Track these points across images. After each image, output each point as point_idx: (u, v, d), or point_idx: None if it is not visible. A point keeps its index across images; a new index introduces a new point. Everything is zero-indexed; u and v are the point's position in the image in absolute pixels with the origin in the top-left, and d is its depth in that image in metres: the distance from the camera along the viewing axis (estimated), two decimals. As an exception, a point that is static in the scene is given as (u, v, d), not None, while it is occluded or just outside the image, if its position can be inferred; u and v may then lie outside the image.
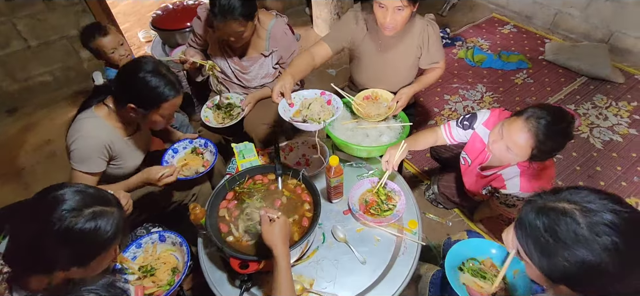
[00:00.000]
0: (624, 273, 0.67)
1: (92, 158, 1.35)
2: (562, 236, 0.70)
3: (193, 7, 2.67)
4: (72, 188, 0.87)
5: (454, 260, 1.23)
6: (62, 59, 3.11)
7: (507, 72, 3.11)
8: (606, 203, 0.70)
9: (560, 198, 0.74)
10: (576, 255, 0.68)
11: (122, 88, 1.35)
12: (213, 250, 1.37)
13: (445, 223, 2.09)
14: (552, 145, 1.28)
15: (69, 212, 0.82)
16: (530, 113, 1.28)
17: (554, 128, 1.25)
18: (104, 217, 0.86)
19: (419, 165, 2.44)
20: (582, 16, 3.30)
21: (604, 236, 0.66)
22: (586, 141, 2.51)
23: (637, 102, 2.74)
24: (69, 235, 0.82)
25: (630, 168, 2.32)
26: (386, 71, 1.82)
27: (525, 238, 0.77)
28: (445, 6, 3.92)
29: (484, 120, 1.59)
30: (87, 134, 1.34)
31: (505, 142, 1.34)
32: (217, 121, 1.94)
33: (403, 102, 1.68)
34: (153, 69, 1.32)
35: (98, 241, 0.86)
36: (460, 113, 2.78)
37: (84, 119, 1.37)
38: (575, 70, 3.02)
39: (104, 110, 1.40)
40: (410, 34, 1.71)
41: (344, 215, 1.47)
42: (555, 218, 0.71)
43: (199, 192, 1.74)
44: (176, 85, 1.36)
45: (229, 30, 1.69)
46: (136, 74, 1.30)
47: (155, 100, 1.33)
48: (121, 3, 4.61)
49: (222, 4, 1.60)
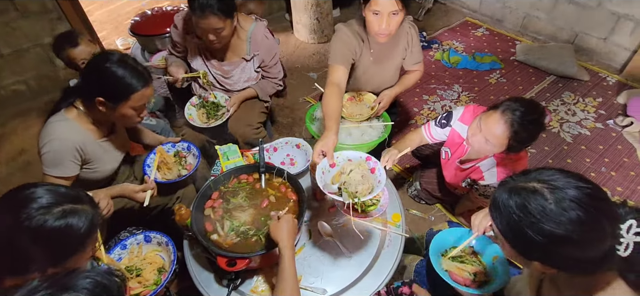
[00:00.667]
0: (586, 243, 0.73)
1: (64, 161, 1.32)
2: (532, 212, 0.74)
3: (172, 13, 2.66)
4: (43, 187, 0.86)
5: (437, 247, 1.27)
6: (36, 67, 3.02)
7: (482, 73, 3.24)
8: (570, 180, 0.75)
9: (530, 179, 0.79)
10: (545, 229, 0.73)
11: (90, 81, 1.31)
12: (199, 250, 1.36)
13: (428, 218, 2.15)
14: (527, 135, 1.35)
15: (37, 210, 0.81)
16: (506, 106, 1.36)
17: (527, 118, 1.33)
18: (75, 215, 0.85)
19: (400, 163, 2.50)
20: (548, 18, 3.48)
21: (570, 210, 0.72)
22: (557, 135, 2.64)
23: (601, 98, 2.91)
24: (39, 233, 0.80)
25: (598, 160, 2.46)
26: (376, 78, 1.86)
27: (500, 218, 0.81)
28: (421, 11, 4.05)
29: (459, 116, 1.67)
30: (57, 137, 1.30)
31: (483, 135, 1.41)
32: (201, 120, 1.94)
33: (385, 104, 1.73)
34: (120, 59, 1.29)
35: (71, 240, 0.85)
36: (438, 112, 2.87)
37: (54, 122, 1.33)
38: (545, 69, 3.18)
39: (74, 112, 1.37)
40: (398, 37, 1.75)
41: (330, 212, 1.49)
42: (526, 197, 0.76)
43: (183, 195, 1.73)
44: (145, 76, 1.33)
45: (208, 26, 1.69)
46: (103, 65, 1.27)
47: (124, 92, 1.29)
48: (97, 11, 4.52)
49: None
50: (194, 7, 1.65)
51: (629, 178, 2.33)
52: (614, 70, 3.20)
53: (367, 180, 1.19)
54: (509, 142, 1.37)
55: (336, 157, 1.28)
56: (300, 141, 1.71)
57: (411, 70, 1.87)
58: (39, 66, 3.02)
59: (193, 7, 1.66)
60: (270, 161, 1.65)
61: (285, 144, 1.73)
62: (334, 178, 1.25)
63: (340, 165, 1.28)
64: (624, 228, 0.74)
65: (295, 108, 3.00)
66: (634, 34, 3.00)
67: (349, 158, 1.28)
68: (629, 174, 2.35)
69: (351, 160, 1.27)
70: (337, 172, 1.26)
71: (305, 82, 3.27)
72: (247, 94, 2.02)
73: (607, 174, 2.36)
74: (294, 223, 1.16)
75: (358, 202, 1.14)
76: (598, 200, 0.74)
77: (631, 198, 2.21)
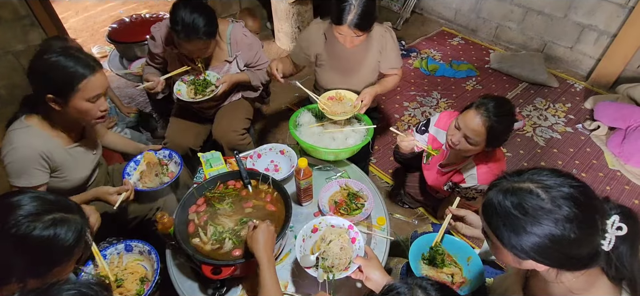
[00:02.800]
0: (582, 239, 0.76)
1: (29, 170, 1.26)
2: (530, 211, 0.76)
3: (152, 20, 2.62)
4: (29, 194, 0.83)
5: (417, 252, 1.29)
6: (8, 75, 2.89)
7: (458, 80, 3.36)
8: (563, 180, 0.78)
9: (524, 179, 0.81)
10: (543, 226, 0.75)
11: (35, 79, 1.24)
12: (183, 260, 1.33)
13: (412, 221, 2.18)
14: (502, 127, 1.44)
15: (25, 217, 0.78)
16: (479, 102, 1.47)
17: (501, 109, 1.43)
18: (65, 225, 0.82)
19: (383, 168, 2.54)
20: (519, 29, 3.66)
21: (564, 207, 0.74)
22: (531, 139, 2.75)
23: (570, 104, 3.07)
24: (25, 242, 0.77)
25: (570, 162, 2.58)
26: (349, 75, 1.91)
27: (495, 219, 0.82)
28: (399, 21, 4.17)
29: (435, 121, 1.77)
30: (19, 145, 1.24)
31: (463, 132, 1.48)
32: (189, 96, 1.87)
33: (367, 101, 1.75)
34: (61, 49, 1.22)
35: (57, 251, 0.81)
36: (419, 118, 2.94)
37: (15, 130, 1.28)
38: (517, 76, 3.33)
39: (34, 119, 1.31)
40: (370, 40, 1.82)
41: (315, 217, 1.49)
42: (522, 197, 0.78)
43: (164, 204, 1.69)
44: (90, 63, 1.24)
45: (192, 47, 1.70)
46: (42, 58, 1.20)
47: (70, 82, 1.20)
48: (72, 19, 4.40)
49: (186, 23, 1.60)
50: (178, 31, 1.63)
51: (599, 179, 2.46)
52: (580, 77, 3.38)
53: (346, 253, 1.18)
54: (487, 135, 1.45)
55: (319, 222, 1.29)
56: (284, 147, 1.71)
57: (388, 74, 1.93)
58: (10, 74, 2.90)
59: (177, 30, 1.63)
60: (254, 167, 1.65)
61: (269, 150, 1.73)
62: (315, 245, 1.25)
63: (323, 230, 1.27)
64: (609, 223, 0.77)
65: (278, 115, 3.01)
66: (597, 43, 3.20)
67: (332, 224, 1.28)
68: (598, 175, 2.48)
69: (334, 227, 1.27)
70: (318, 238, 1.25)
71: (287, 89, 3.28)
72: (239, 78, 1.97)
73: (578, 176, 2.47)
74: (270, 232, 1.13)
75: (333, 279, 1.13)
76: (590, 197, 0.77)
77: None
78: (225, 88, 1.90)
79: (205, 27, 1.64)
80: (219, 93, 1.87)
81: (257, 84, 2.06)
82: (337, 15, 1.56)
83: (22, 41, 2.79)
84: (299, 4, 3.42)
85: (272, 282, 1.06)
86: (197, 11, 1.62)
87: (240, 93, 2.13)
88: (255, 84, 2.05)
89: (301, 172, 1.40)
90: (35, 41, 2.80)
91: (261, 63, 2.03)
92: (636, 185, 2.39)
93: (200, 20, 1.62)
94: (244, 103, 2.14)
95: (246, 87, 2.09)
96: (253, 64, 2.01)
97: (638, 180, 2.40)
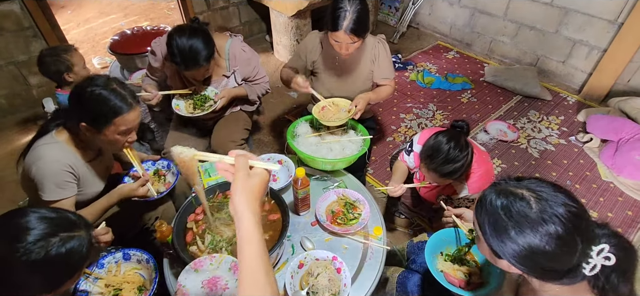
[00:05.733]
0: (556, 256, 0.77)
1: (60, 182, 1.30)
2: (514, 216, 0.78)
3: (152, 33, 2.67)
4: (35, 214, 0.84)
5: (434, 247, 1.30)
6: (9, 85, 2.92)
7: (454, 92, 3.41)
8: (559, 195, 0.79)
9: (521, 186, 0.83)
10: (524, 234, 0.77)
11: (74, 106, 1.30)
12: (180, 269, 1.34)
13: (408, 231, 2.20)
14: (450, 171, 1.48)
15: (35, 244, 0.80)
16: (425, 155, 1.53)
17: (437, 160, 1.47)
18: (71, 242, 0.84)
19: (380, 178, 2.56)
20: (513, 43, 3.74)
21: (551, 224, 0.76)
22: (525, 151, 2.79)
23: (563, 116, 3.12)
24: (35, 266, 0.79)
25: (563, 174, 2.61)
26: (343, 84, 1.97)
27: (482, 214, 0.85)
28: (396, 34, 4.25)
29: (418, 140, 1.79)
30: (51, 159, 1.28)
31: (430, 180, 1.61)
32: (188, 110, 1.90)
33: (361, 106, 1.77)
34: (103, 83, 1.28)
35: (67, 268, 0.84)
36: (415, 130, 2.98)
37: (45, 145, 1.31)
38: (511, 89, 3.39)
39: (64, 135, 1.35)
40: (363, 49, 1.89)
41: (312, 227, 1.51)
42: (513, 200, 0.80)
43: (162, 214, 1.70)
44: (128, 99, 1.30)
45: (194, 73, 1.74)
46: (85, 89, 1.25)
47: (107, 116, 1.26)
48: (74, 30, 4.45)
49: (185, 56, 1.63)
50: (178, 63, 1.65)
51: (592, 190, 2.49)
52: (573, 90, 3.45)
53: (335, 284, 1.22)
54: (447, 177, 1.50)
55: (304, 256, 1.31)
56: (282, 157, 1.74)
57: (382, 84, 1.98)
58: (11, 84, 2.93)
59: (176, 62, 1.65)
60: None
61: (267, 160, 1.75)
62: (303, 279, 1.27)
63: (308, 264, 1.30)
64: (596, 250, 0.77)
65: (276, 126, 3.04)
66: (588, 58, 3.27)
67: (317, 258, 1.30)
68: (592, 187, 2.51)
69: (318, 260, 1.30)
70: (304, 273, 1.28)
71: (286, 101, 3.34)
72: (237, 92, 2.00)
73: (572, 187, 2.52)
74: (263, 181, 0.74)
75: None
76: (580, 219, 0.77)
77: (595, 209, 2.36)
78: (223, 103, 1.92)
79: (204, 51, 1.66)
80: (217, 108, 1.90)
81: (254, 98, 2.10)
82: (333, 22, 1.62)
83: (24, 52, 2.83)
84: (298, 18, 3.49)
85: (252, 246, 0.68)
86: (193, 38, 1.63)
87: (239, 106, 2.17)
88: (253, 98, 2.08)
89: (299, 182, 1.42)
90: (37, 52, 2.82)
91: (259, 77, 2.07)
92: (629, 196, 2.43)
93: (198, 46, 1.63)
94: (242, 115, 2.17)
95: (244, 101, 2.13)
96: (251, 79, 2.04)
97: (631, 191, 2.44)
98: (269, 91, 2.17)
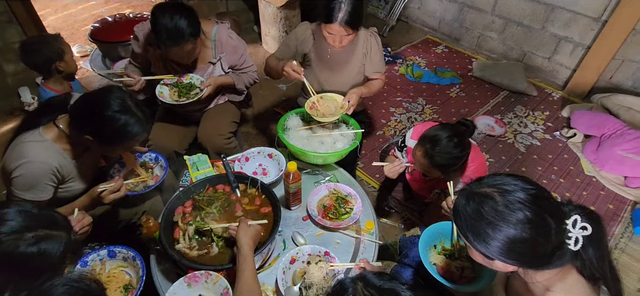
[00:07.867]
0: (536, 239, 0.80)
1: (39, 184, 1.23)
2: (486, 215, 0.82)
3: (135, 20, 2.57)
4: (16, 207, 0.80)
5: (428, 240, 1.30)
6: (-20, 73, 2.77)
7: (443, 87, 3.43)
8: (518, 183, 0.83)
9: (483, 184, 0.87)
10: (501, 228, 0.80)
11: (84, 120, 1.23)
12: (168, 266, 1.30)
13: (399, 226, 2.20)
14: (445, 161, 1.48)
15: (8, 235, 0.75)
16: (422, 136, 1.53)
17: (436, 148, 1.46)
18: (49, 241, 0.80)
19: (370, 173, 2.56)
20: (500, 39, 3.78)
21: (518, 211, 0.79)
22: (512, 146, 2.84)
23: (549, 112, 3.18)
24: (9, 260, 0.75)
25: (549, 168, 2.67)
26: (334, 77, 1.93)
27: (461, 225, 0.87)
28: (385, 28, 4.23)
29: (410, 135, 1.80)
30: (35, 159, 1.20)
31: (417, 166, 1.58)
32: (172, 98, 1.81)
33: (354, 101, 1.75)
34: (121, 106, 1.21)
35: (42, 266, 0.79)
36: (404, 124, 2.98)
37: (31, 142, 1.23)
38: (498, 84, 3.43)
39: (53, 132, 1.27)
40: (355, 42, 1.85)
41: (303, 221, 1.49)
42: (480, 202, 0.83)
43: (150, 208, 1.65)
44: (143, 123, 1.27)
45: (180, 52, 1.65)
46: (103, 111, 1.19)
47: (122, 140, 1.26)
48: (51, 16, 4.25)
49: (169, 29, 1.55)
50: (163, 39, 1.57)
51: (576, 184, 2.55)
52: (557, 86, 3.52)
53: (328, 281, 1.21)
54: (435, 167, 1.51)
55: (296, 252, 1.29)
56: (272, 150, 1.70)
57: (373, 78, 1.96)
58: (-17, 72, 2.78)
59: (162, 38, 1.57)
60: (242, 171, 1.63)
61: (257, 153, 1.72)
62: (296, 275, 1.25)
63: (301, 260, 1.29)
64: (570, 223, 0.82)
65: (265, 118, 2.99)
66: (573, 54, 3.34)
67: (309, 253, 1.29)
68: (575, 181, 2.58)
69: (311, 255, 1.29)
70: (298, 270, 1.26)
71: (275, 93, 3.28)
72: (224, 81, 1.93)
73: (557, 181, 2.57)
74: (257, 230, 1.18)
75: None
76: (541, 199, 0.82)
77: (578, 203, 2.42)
78: (210, 91, 1.85)
79: (189, 28, 1.59)
80: (203, 96, 1.82)
81: (242, 88, 2.03)
82: (328, 14, 1.57)
83: (-3, 38, 2.68)
84: (287, 8, 3.42)
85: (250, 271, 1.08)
86: (177, 14, 1.56)
87: (227, 96, 2.10)
88: (240, 87, 2.01)
89: (291, 176, 1.39)
90: (13, 39, 2.69)
91: (246, 66, 2.00)
92: (610, 190, 2.50)
93: (182, 23, 1.56)
94: (230, 107, 2.11)
95: (231, 91, 2.06)
96: (238, 67, 1.98)
97: (612, 185, 2.51)
98: (257, 81, 2.10)
